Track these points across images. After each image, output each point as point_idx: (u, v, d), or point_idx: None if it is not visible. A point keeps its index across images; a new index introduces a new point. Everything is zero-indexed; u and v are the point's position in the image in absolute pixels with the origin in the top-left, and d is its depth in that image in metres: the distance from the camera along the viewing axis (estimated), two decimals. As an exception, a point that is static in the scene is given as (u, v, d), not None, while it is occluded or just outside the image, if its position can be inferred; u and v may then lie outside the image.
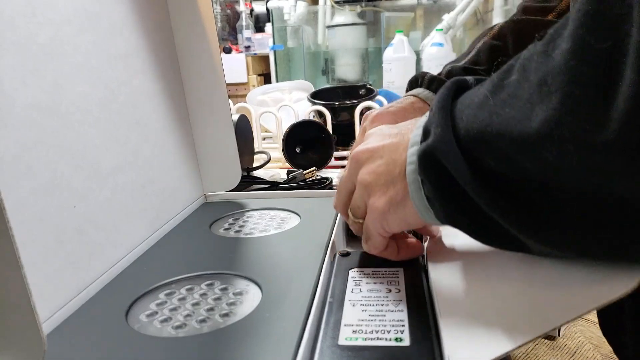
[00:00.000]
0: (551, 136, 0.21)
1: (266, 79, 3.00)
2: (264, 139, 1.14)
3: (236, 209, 0.57)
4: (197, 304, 0.35)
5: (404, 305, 0.32)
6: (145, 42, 0.51)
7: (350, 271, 0.38)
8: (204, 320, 0.33)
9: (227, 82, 0.58)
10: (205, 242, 0.48)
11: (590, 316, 0.53)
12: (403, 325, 0.30)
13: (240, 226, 0.51)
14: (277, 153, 0.89)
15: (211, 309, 0.34)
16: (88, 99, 0.41)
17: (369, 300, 0.33)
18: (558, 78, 0.21)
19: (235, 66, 2.84)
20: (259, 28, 3.10)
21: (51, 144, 0.36)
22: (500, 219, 0.25)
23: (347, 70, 2.18)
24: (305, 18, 2.29)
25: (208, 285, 0.38)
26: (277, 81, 2.40)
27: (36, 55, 0.35)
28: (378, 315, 0.31)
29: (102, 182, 0.41)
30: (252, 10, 3.14)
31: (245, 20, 3.07)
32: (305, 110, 0.99)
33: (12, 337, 0.23)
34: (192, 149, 0.60)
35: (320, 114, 0.98)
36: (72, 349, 0.31)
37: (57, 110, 0.37)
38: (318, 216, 0.51)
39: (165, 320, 0.33)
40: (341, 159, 0.94)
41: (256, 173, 0.77)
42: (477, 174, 0.25)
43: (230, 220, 0.53)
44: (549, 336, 0.49)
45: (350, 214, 0.38)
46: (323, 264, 0.39)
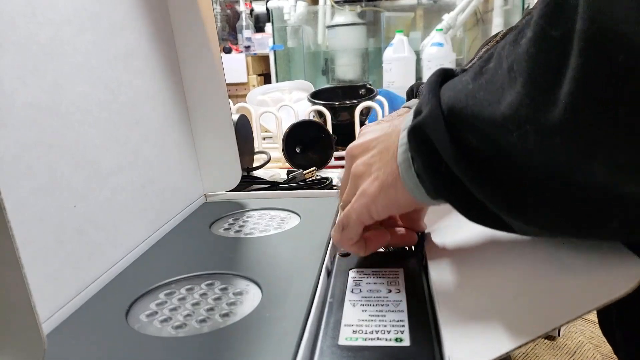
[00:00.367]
0: (513, 117, 0.23)
1: (266, 79, 2.99)
2: (264, 139, 1.14)
3: (236, 209, 0.57)
4: (197, 303, 0.35)
5: (404, 306, 0.32)
6: (146, 42, 0.51)
7: (350, 271, 0.38)
8: (204, 320, 0.33)
9: (227, 82, 0.58)
10: (205, 242, 0.48)
11: (590, 316, 0.53)
12: (403, 326, 0.30)
13: (240, 226, 0.51)
14: (277, 153, 0.89)
15: (211, 309, 0.34)
16: (88, 99, 0.41)
17: (369, 301, 0.33)
18: (521, 64, 0.23)
19: (235, 66, 2.84)
20: (259, 28, 3.10)
21: (51, 143, 0.36)
22: (480, 194, 0.27)
23: (347, 70, 2.18)
24: (305, 18, 2.29)
25: (208, 285, 0.38)
26: (277, 81, 2.40)
27: (36, 55, 0.35)
28: (378, 316, 0.31)
29: (102, 182, 0.41)
30: (252, 10, 3.14)
31: (245, 20, 3.07)
32: (305, 110, 0.99)
33: (12, 337, 0.23)
34: (192, 149, 0.60)
35: (320, 114, 0.98)
36: (72, 348, 0.31)
37: (57, 110, 0.37)
38: (318, 216, 0.51)
39: (166, 320, 0.33)
40: (341, 159, 0.94)
41: (256, 173, 0.77)
42: (458, 150, 0.27)
43: (230, 220, 0.53)
44: (549, 336, 0.49)
45: (340, 209, 0.38)
46: (323, 264, 0.39)
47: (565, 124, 0.21)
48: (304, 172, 0.72)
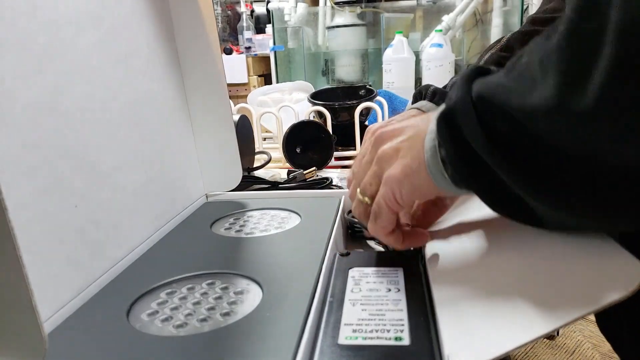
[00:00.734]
0: (544, 107, 0.23)
1: (267, 79, 2.99)
2: (265, 139, 1.14)
3: (237, 209, 0.57)
4: (198, 303, 0.35)
5: (403, 305, 0.32)
6: (147, 42, 0.51)
7: (350, 270, 0.38)
8: (204, 320, 0.33)
9: (227, 82, 0.58)
10: (206, 242, 0.48)
11: (590, 315, 0.53)
12: (403, 325, 0.30)
13: (241, 226, 0.51)
14: (278, 153, 0.90)
15: (212, 308, 0.34)
16: (89, 99, 0.41)
17: (369, 300, 0.33)
18: (553, 56, 0.23)
19: (235, 67, 2.84)
20: (260, 29, 3.10)
21: (52, 144, 0.36)
22: (508, 177, 0.27)
23: (347, 71, 2.18)
24: (305, 19, 2.29)
25: (209, 284, 0.38)
26: (277, 82, 2.40)
27: (37, 55, 0.35)
28: (378, 315, 0.31)
29: (103, 182, 0.41)
30: (252, 11, 3.14)
31: (245, 21, 3.07)
32: (305, 110, 0.99)
33: (14, 337, 0.23)
34: (193, 149, 0.60)
35: (320, 115, 0.98)
36: (73, 348, 0.31)
37: (58, 110, 0.37)
38: (318, 216, 0.51)
39: (167, 319, 0.33)
40: (341, 159, 0.95)
41: (257, 173, 0.77)
42: (488, 136, 0.27)
43: (231, 220, 0.53)
44: (549, 336, 0.50)
45: (359, 193, 0.38)
46: (323, 263, 0.39)
47: (597, 112, 0.21)
48: (304, 172, 0.72)
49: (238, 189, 0.62)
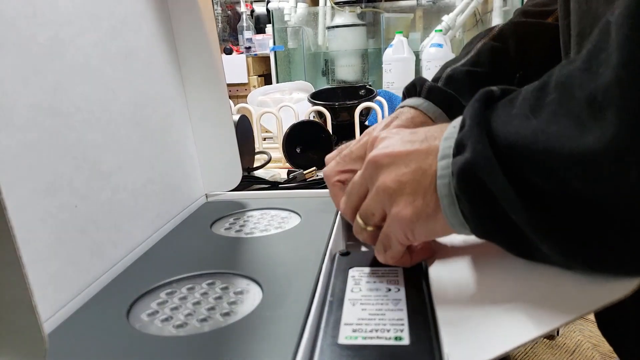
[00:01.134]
0: (608, 151, 0.21)
1: (267, 79, 3.00)
2: (265, 139, 1.14)
3: (237, 209, 0.57)
4: (198, 303, 0.35)
5: (403, 304, 0.32)
6: (146, 42, 0.51)
7: (350, 270, 0.38)
8: (204, 320, 0.33)
9: (227, 82, 0.58)
10: (206, 242, 0.48)
11: (590, 315, 0.53)
12: (403, 324, 0.30)
13: (241, 226, 0.51)
14: (278, 153, 0.90)
15: (212, 308, 0.34)
16: (89, 99, 0.41)
17: (369, 299, 0.33)
18: (609, 93, 0.21)
19: (235, 67, 2.84)
20: (260, 29, 3.10)
21: (52, 144, 0.36)
22: (543, 241, 0.25)
23: (347, 71, 2.18)
24: (305, 19, 2.29)
25: (209, 284, 0.38)
26: (277, 82, 2.40)
27: (37, 55, 0.35)
28: (378, 314, 0.31)
29: (103, 182, 0.41)
30: (252, 11, 3.14)
31: (245, 21, 3.07)
32: (305, 110, 0.99)
33: (14, 337, 0.23)
34: (193, 149, 0.60)
35: (320, 115, 0.98)
36: (73, 348, 0.31)
37: (58, 111, 0.37)
38: (318, 216, 0.51)
39: (167, 319, 0.33)
40: (341, 159, 0.94)
41: (257, 173, 0.77)
42: (520, 192, 0.25)
43: (231, 220, 0.53)
44: (548, 335, 0.50)
45: (360, 220, 0.36)
46: (323, 263, 0.39)
47: None
48: (304, 172, 0.72)
49: (238, 189, 0.62)
